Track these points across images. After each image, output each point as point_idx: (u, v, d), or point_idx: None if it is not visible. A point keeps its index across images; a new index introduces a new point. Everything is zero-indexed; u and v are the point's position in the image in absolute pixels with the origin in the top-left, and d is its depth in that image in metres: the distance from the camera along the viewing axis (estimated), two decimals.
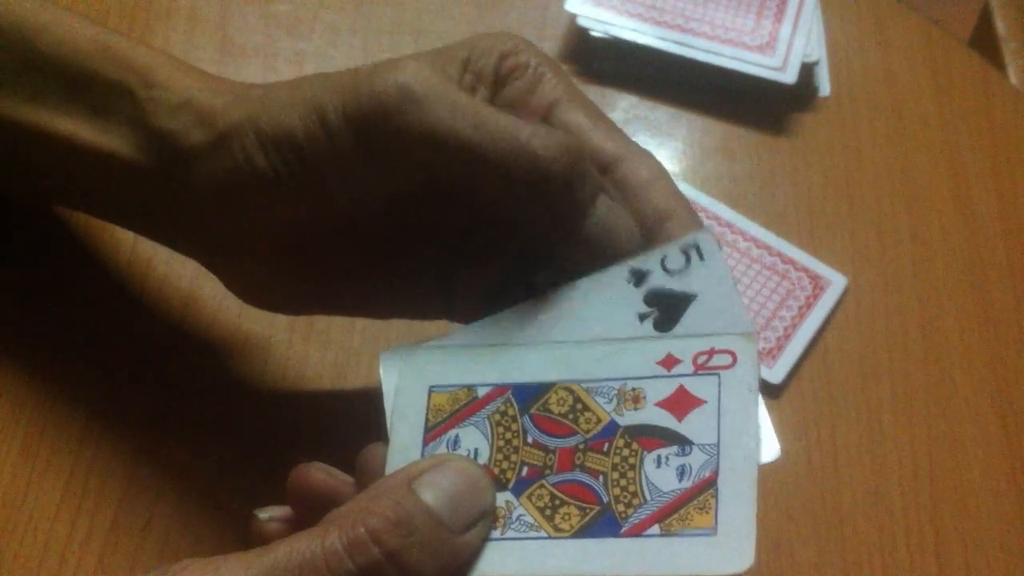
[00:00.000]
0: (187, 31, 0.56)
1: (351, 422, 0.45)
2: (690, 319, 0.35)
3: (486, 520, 0.33)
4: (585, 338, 0.36)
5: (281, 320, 0.47)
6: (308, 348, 0.47)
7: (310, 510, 0.34)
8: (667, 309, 0.36)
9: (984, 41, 0.77)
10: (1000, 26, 0.76)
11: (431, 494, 0.32)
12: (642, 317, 0.36)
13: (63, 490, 0.43)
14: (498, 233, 0.39)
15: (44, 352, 0.46)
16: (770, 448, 0.34)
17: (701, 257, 0.36)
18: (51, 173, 0.42)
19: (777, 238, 0.52)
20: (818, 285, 0.51)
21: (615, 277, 0.36)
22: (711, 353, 0.34)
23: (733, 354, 0.34)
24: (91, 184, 0.41)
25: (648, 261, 0.36)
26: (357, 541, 0.31)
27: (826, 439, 0.47)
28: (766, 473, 0.46)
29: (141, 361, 0.46)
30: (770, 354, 0.48)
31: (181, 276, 0.48)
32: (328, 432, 0.45)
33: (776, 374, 0.48)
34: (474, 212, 0.38)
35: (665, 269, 0.36)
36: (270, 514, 0.36)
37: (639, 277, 0.36)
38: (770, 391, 0.48)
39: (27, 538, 0.42)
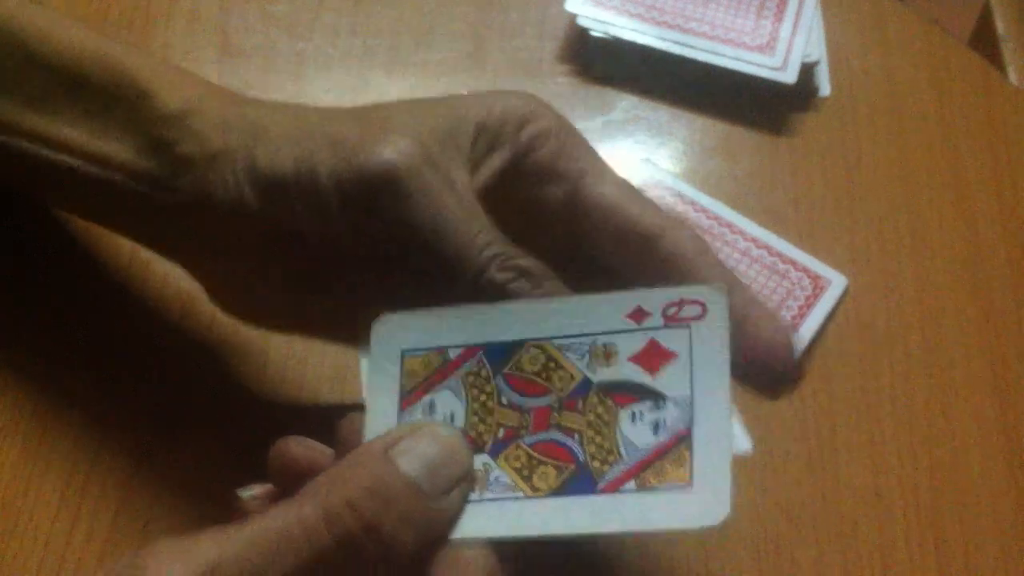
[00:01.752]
0: (187, 31, 0.56)
1: None
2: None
3: (465, 484, 0.33)
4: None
5: None
6: (308, 348, 0.47)
7: (292, 484, 0.34)
8: None
9: (984, 41, 0.76)
10: (1000, 26, 0.76)
11: (408, 461, 0.32)
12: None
13: (63, 490, 0.43)
14: None
15: (44, 352, 0.46)
16: (741, 442, 0.34)
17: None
18: (47, 176, 0.42)
19: (777, 238, 0.52)
20: (818, 285, 0.51)
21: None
22: (680, 304, 0.34)
23: (703, 304, 0.34)
24: (87, 188, 0.41)
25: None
26: (333, 511, 0.31)
27: (826, 439, 0.47)
28: (765, 471, 0.46)
29: (141, 361, 0.46)
30: None
31: (181, 276, 0.47)
32: (328, 432, 0.45)
33: None
34: None
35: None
36: (252, 492, 0.36)
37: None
38: (770, 391, 0.48)
39: (27, 538, 0.42)
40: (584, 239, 0.39)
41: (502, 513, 0.33)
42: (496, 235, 0.36)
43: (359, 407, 0.36)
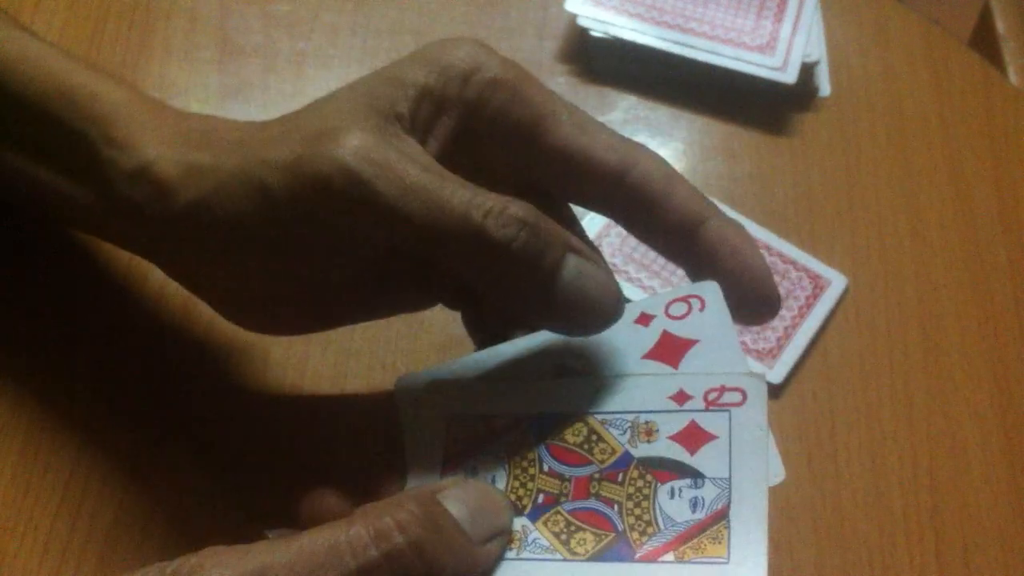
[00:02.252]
0: (187, 31, 0.56)
1: (351, 422, 0.45)
2: (691, 360, 0.36)
3: (502, 538, 0.34)
4: (596, 370, 0.37)
5: None
6: (308, 348, 0.47)
7: None
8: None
9: (984, 41, 0.76)
10: (1000, 26, 0.76)
11: (454, 505, 0.33)
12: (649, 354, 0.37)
13: (63, 490, 0.43)
14: None
15: (44, 352, 0.46)
16: (774, 473, 0.34)
17: (702, 307, 0.37)
18: (27, 204, 0.42)
19: (777, 238, 0.52)
20: (818, 285, 0.51)
21: (625, 318, 0.36)
22: (722, 390, 0.35)
23: (743, 392, 0.35)
24: (63, 218, 0.41)
25: (654, 306, 0.37)
26: (383, 529, 0.31)
27: (826, 439, 0.47)
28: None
29: (141, 361, 0.46)
30: (770, 354, 0.48)
31: None
32: (328, 432, 0.45)
33: (776, 374, 0.48)
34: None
35: (668, 315, 0.37)
36: (280, 535, 0.36)
37: (646, 320, 0.37)
38: (770, 391, 0.48)
39: (27, 538, 0.42)
40: (551, 186, 0.38)
41: (538, 573, 0.34)
42: (474, 187, 0.34)
43: (395, 459, 0.37)
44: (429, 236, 0.34)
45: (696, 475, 0.34)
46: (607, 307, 0.35)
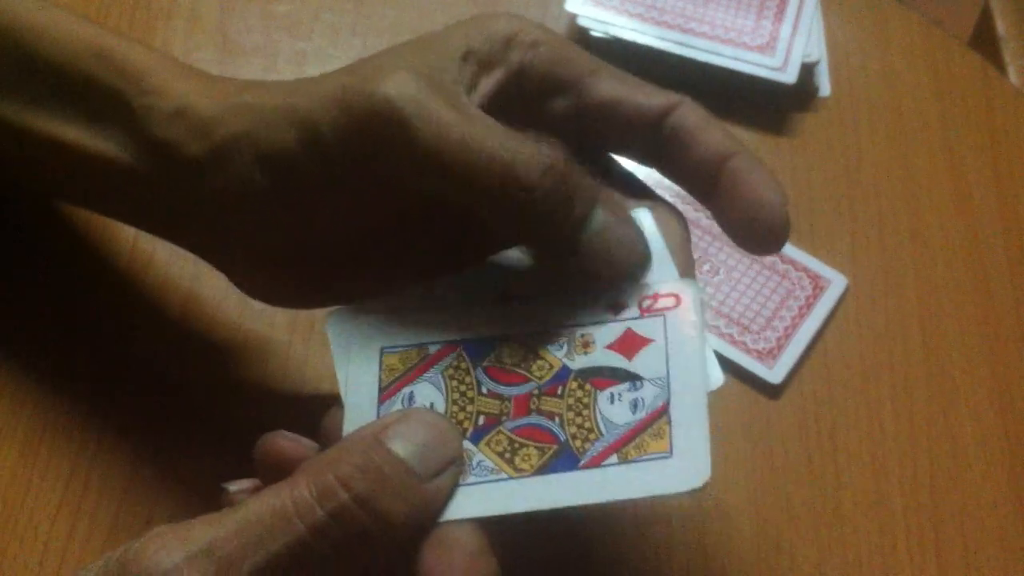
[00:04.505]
0: (187, 31, 0.56)
1: None
2: None
3: (455, 467, 0.34)
4: (531, 293, 0.37)
5: (281, 320, 0.47)
6: (308, 348, 0.47)
7: (278, 478, 0.34)
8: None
9: (984, 41, 0.77)
10: (1000, 26, 0.76)
11: (399, 444, 0.32)
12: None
13: (63, 490, 0.43)
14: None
15: (44, 352, 0.46)
16: (713, 379, 0.35)
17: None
18: (51, 174, 0.42)
19: None
20: (818, 285, 0.51)
21: None
22: (656, 297, 0.36)
23: (677, 296, 0.35)
24: (91, 185, 0.41)
25: None
26: (326, 488, 0.31)
27: (826, 439, 0.47)
28: (765, 471, 0.46)
29: (141, 361, 0.46)
30: (770, 354, 0.48)
31: (181, 276, 0.48)
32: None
33: (776, 374, 0.48)
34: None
35: None
36: (239, 486, 0.36)
37: None
38: (770, 391, 0.48)
39: (27, 538, 0.42)
40: (592, 138, 0.39)
41: (486, 494, 0.33)
42: (512, 133, 0.35)
43: (338, 401, 0.36)
44: (459, 178, 0.34)
45: (635, 378, 0.34)
46: (631, 263, 0.36)
